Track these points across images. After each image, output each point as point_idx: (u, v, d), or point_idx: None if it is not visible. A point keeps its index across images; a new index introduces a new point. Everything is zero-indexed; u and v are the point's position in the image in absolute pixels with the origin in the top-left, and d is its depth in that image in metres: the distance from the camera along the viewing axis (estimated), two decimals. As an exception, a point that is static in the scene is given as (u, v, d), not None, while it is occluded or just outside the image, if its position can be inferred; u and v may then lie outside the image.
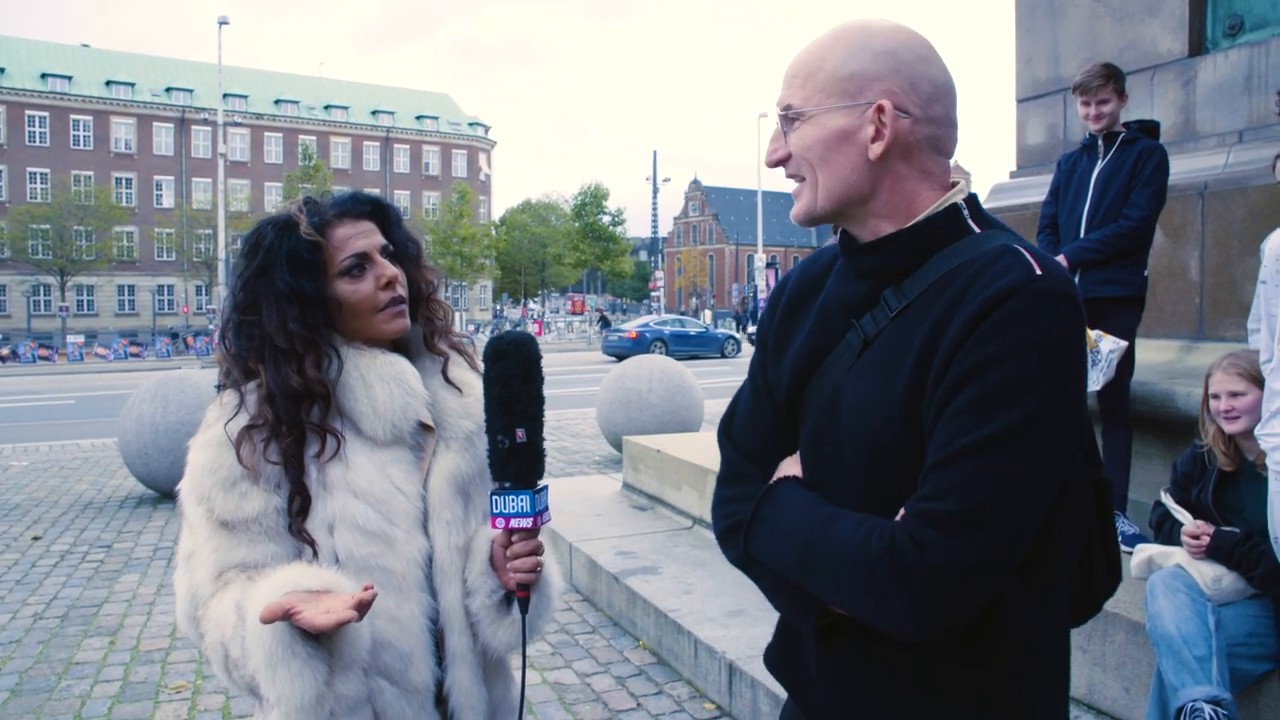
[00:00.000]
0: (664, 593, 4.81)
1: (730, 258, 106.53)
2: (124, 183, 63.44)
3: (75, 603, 5.66)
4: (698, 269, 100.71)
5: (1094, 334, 4.17)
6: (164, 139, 66.00)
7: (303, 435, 1.59)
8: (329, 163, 66.39)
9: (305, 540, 1.58)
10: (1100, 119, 4.32)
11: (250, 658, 1.42)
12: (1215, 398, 3.12)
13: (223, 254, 39.05)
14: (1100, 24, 5.92)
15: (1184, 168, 4.88)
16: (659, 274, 54.73)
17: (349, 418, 1.64)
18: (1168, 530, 3.24)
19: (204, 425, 1.65)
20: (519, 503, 1.55)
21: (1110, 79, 4.29)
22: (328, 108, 72.97)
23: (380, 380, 1.64)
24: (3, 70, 61.32)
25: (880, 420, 1.22)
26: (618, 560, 5.43)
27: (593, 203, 68.05)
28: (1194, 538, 3.04)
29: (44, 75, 62.84)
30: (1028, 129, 6.52)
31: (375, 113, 74.90)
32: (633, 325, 35.52)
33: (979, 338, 1.13)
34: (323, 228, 1.65)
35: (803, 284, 1.43)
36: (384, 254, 1.70)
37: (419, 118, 77.08)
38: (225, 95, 51.57)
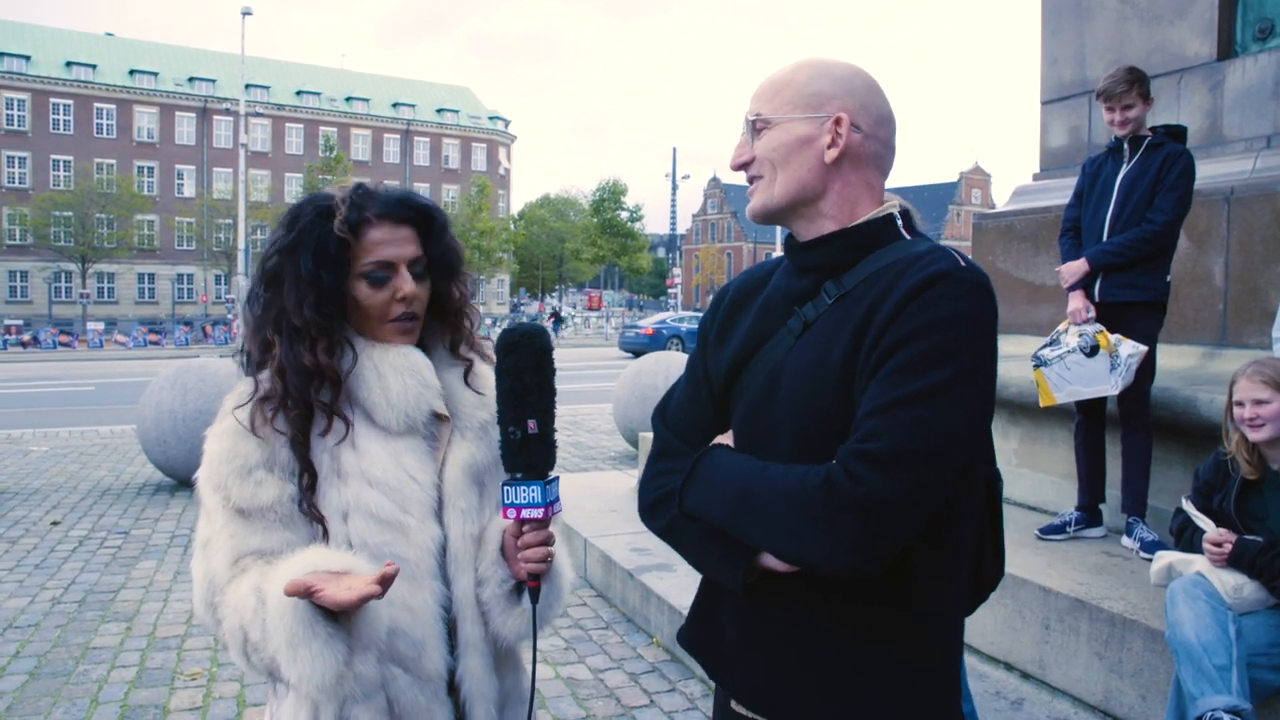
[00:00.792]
0: (678, 590, 4.81)
1: (748, 255, 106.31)
2: (146, 171, 63.93)
3: (93, 588, 5.70)
4: (715, 266, 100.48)
5: (1113, 338, 4.14)
6: (186, 128, 66.40)
7: (310, 412, 1.60)
8: (349, 154, 66.63)
9: (316, 518, 1.59)
10: (1126, 124, 4.28)
11: (271, 639, 1.43)
12: (1239, 405, 3.09)
13: (242, 244, 39.23)
14: (1127, 26, 5.86)
15: (1210, 172, 4.83)
16: (676, 271, 54.59)
17: (363, 407, 1.65)
18: (1188, 538, 3.22)
19: (220, 415, 1.66)
20: (530, 493, 1.55)
21: (1135, 83, 4.25)
22: (349, 99, 73.24)
23: (394, 371, 1.65)
24: (28, 58, 61.82)
25: (815, 387, 1.37)
26: (632, 556, 5.44)
27: (611, 199, 68.07)
28: (1216, 545, 3.01)
29: (69, 64, 63.33)
30: (1051, 131, 6.47)
31: (396, 105, 75.17)
32: (650, 322, 35.54)
33: (910, 312, 1.29)
34: (358, 225, 1.64)
35: (746, 287, 1.60)
36: (413, 266, 1.68)
37: (439, 111, 77.26)
38: (247, 86, 51.91)
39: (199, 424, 8.29)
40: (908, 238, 1.45)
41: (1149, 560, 3.73)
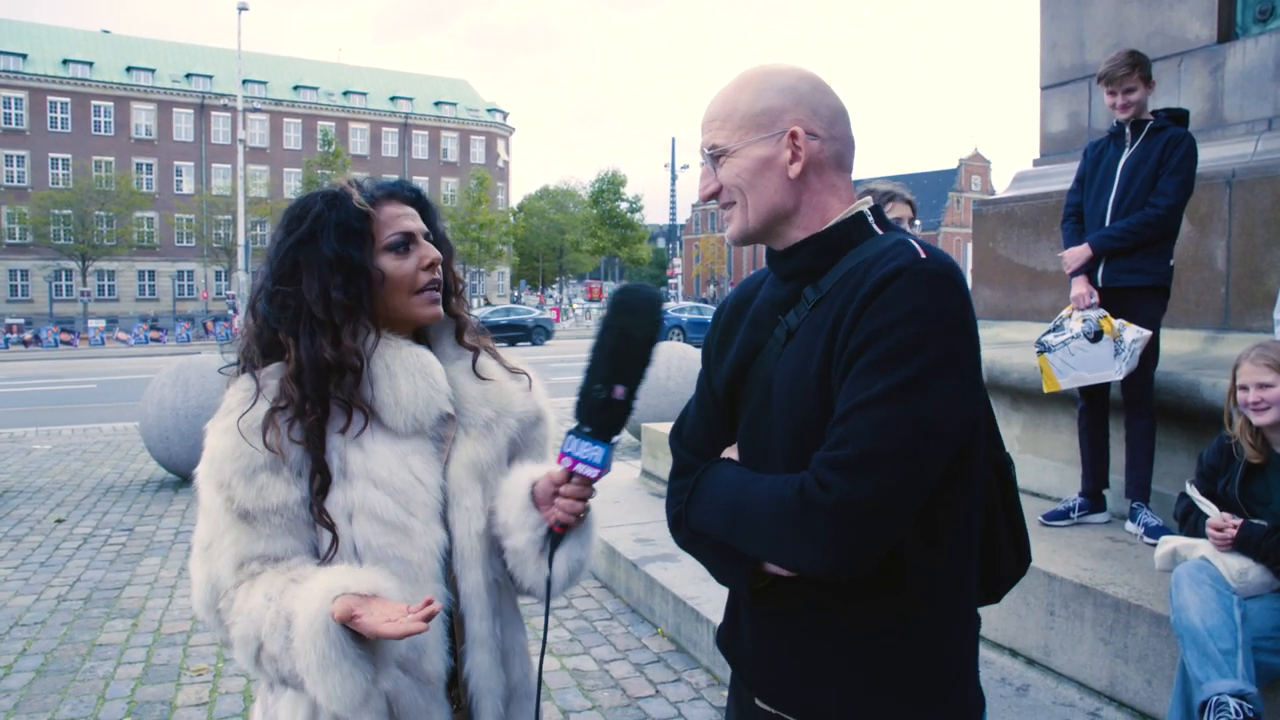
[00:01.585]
0: (683, 580, 4.81)
1: (748, 246, 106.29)
2: (144, 168, 63.85)
3: (98, 585, 5.71)
4: (716, 256, 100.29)
5: (1117, 323, 4.13)
6: (184, 125, 66.29)
7: (327, 412, 1.59)
8: (348, 149, 66.56)
9: (326, 524, 1.57)
10: (1128, 108, 4.26)
11: (298, 658, 1.44)
12: (1243, 389, 3.08)
13: (242, 239, 39.20)
14: (1127, 9, 5.84)
15: (1211, 156, 4.81)
16: (677, 261, 54.62)
17: (371, 407, 1.63)
18: (1193, 522, 3.21)
19: (224, 410, 1.63)
20: (594, 452, 1.54)
21: (1136, 67, 4.23)
22: (346, 94, 73.09)
23: (405, 371, 1.64)
24: (25, 56, 61.69)
25: (799, 395, 1.39)
26: (636, 547, 5.44)
27: (610, 189, 67.94)
28: (1220, 530, 3.01)
29: (65, 61, 63.19)
30: (1052, 116, 6.45)
31: (394, 99, 74.99)
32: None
33: (871, 312, 1.30)
34: (375, 201, 1.69)
35: (739, 300, 1.62)
36: (427, 239, 1.72)
37: (437, 104, 77.11)
38: (245, 81, 51.71)
39: (201, 420, 8.23)
40: (880, 233, 1.45)
41: (1153, 545, 3.73)
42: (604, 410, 1.53)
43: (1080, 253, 4.29)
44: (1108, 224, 4.27)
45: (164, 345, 36.94)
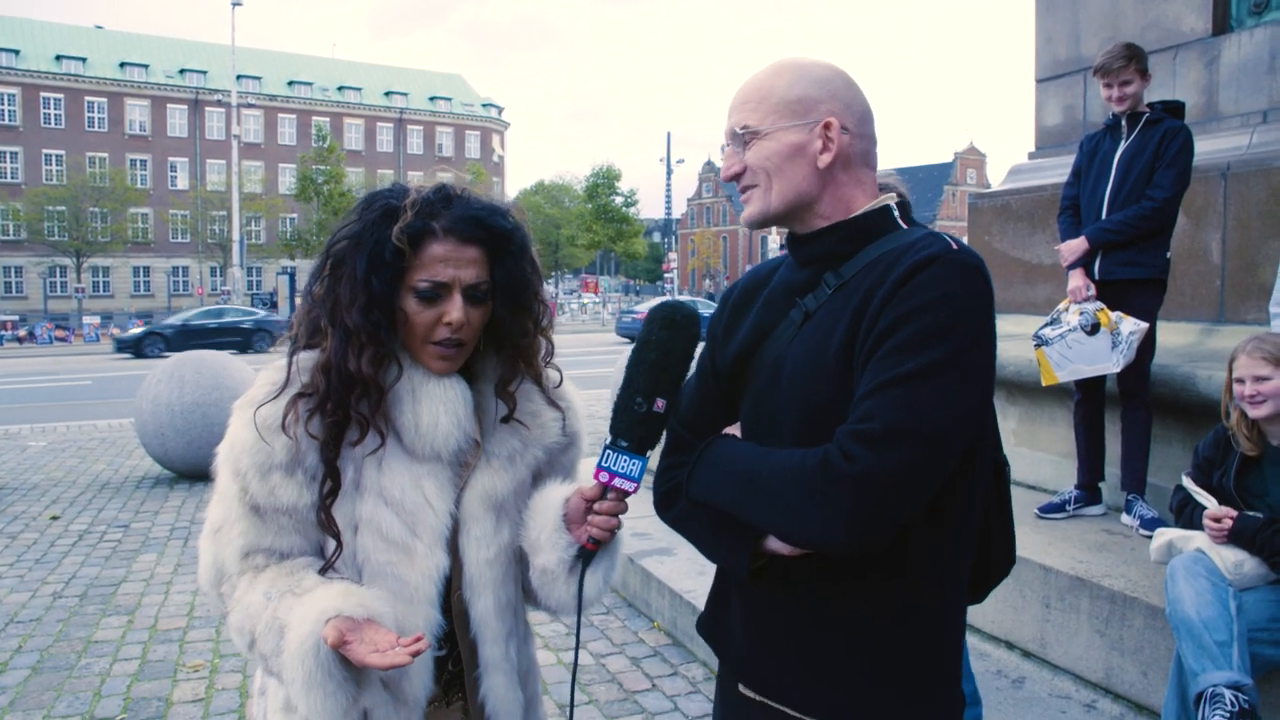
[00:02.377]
0: (679, 574, 4.81)
1: (743, 239, 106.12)
2: (138, 164, 63.58)
3: (94, 582, 5.70)
4: (711, 250, 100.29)
5: (1114, 315, 4.14)
6: (178, 121, 66.05)
7: (348, 418, 1.56)
8: (342, 144, 66.34)
9: (331, 532, 1.57)
10: (1124, 100, 4.26)
11: (285, 669, 1.46)
12: (1239, 382, 3.08)
13: (236, 235, 39.13)
14: (1122, 2, 5.83)
15: (1206, 149, 4.81)
16: (672, 255, 54.59)
17: (394, 426, 1.61)
18: (1188, 514, 3.21)
19: (250, 394, 1.60)
20: (631, 466, 1.53)
21: (1133, 59, 4.23)
22: (341, 89, 72.85)
23: (429, 400, 1.60)
24: (17, 52, 61.43)
25: (816, 373, 1.40)
26: (632, 541, 5.43)
27: (605, 184, 67.84)
28: (1216, 522, 3.01)
29: (58, 57, 62.93)
30: (1047, 109, 6.44)
31: (389, 94, 74.77)
32: (646, 307, 35.48)
33: (904, 294, 1.32)
34: (420, 236, 1.55)
35: (751, 284, 1.63)
36: (472, 290, 1.58)
37: (432, 99, 76.92)
38: (239, 77, 51.63)
39: (196, 416, 8.27)
40: (904, 227, 1.48)
41: (1149, 537, 3.73)
42: (645, 424, 1.53)
43: (1077, 245, 4.30)
44: (1104, 217, 4.27)
45: (159, 341, 36.76)
